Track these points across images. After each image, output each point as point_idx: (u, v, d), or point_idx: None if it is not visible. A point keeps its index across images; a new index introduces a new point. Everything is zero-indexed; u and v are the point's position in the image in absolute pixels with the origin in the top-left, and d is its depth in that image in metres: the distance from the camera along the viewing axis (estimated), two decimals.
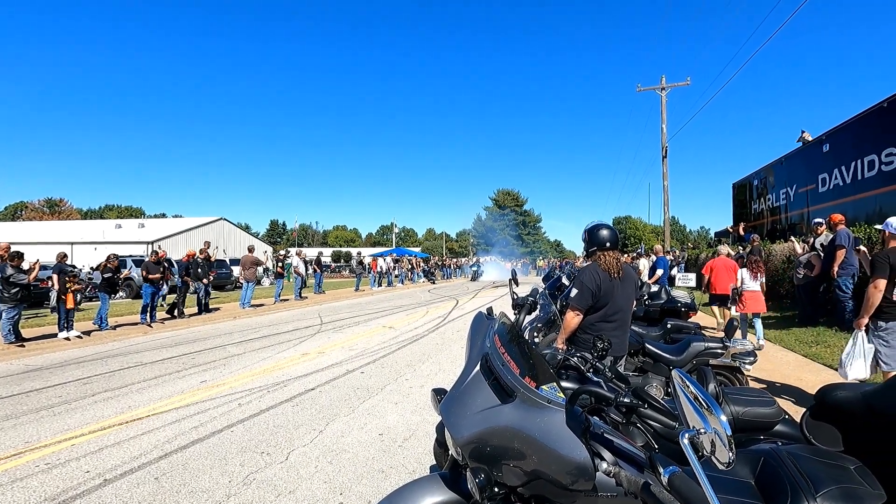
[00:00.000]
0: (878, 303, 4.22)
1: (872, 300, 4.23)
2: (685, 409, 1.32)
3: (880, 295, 4.20)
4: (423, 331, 10.17)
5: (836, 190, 11.67)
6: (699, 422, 1.25)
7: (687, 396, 1.31)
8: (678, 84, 23.10)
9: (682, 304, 7.24)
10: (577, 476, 1.57)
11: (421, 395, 5.37)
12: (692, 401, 1.28)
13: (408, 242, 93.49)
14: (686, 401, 1.30)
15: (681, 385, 1.35)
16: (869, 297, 4.26)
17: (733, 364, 4.54)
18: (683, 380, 1.35)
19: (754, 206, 18.11)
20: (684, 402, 1.31)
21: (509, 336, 1.98)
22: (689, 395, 1.30)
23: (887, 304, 4.22)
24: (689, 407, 1.29)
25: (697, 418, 1.25)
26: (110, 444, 4.03)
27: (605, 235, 3.45)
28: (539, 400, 1.66)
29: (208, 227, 42.21)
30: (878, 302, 4.22)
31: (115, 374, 6.54)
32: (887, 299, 4.21)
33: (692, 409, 1.27)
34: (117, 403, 5.21)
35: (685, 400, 1.31)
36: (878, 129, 10.08)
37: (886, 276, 4.17)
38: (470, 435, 1.74)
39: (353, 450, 3.88)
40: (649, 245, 39.26)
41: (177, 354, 7.89)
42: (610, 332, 3.38)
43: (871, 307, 4.25)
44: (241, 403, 5.11)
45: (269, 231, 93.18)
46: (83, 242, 36.34)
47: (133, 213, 77.19)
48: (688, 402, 1.30)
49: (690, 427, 1.28)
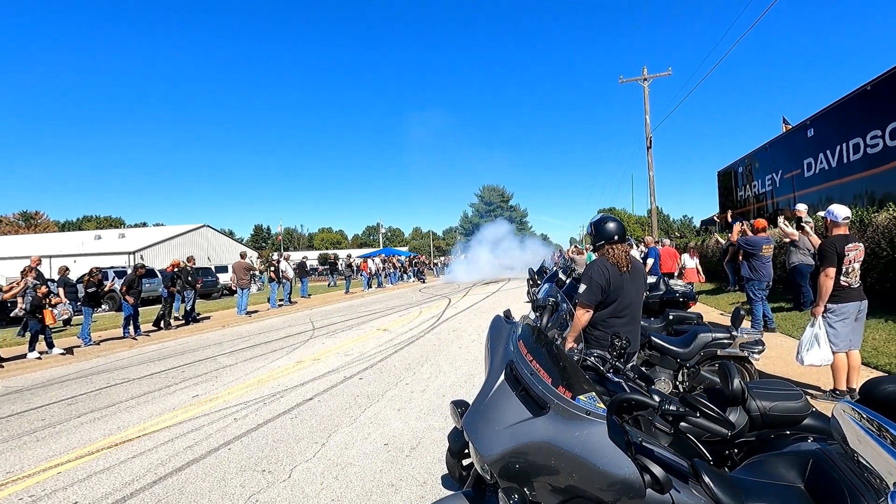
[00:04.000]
0: (830, 289, 4.41)
1: (825, 288, 4.43)
2: (881, 459, 0.97)
3: (831, 282, 4.41)
4: (419, 332, 10.00)
5: (822, 174, 11.77)
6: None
7: (880, 442, 0.99)
8: (660, 74, 23.24)
9: (681, 294, 7.18)
10: (623, 493, 1.43)
11: (423, 400, 5.22)
12: (889, 448, 0.97)
13: (395, 242, 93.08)
14: (880, 447, 0.98)
15: (868, 428, 1.01)
16: (821, 286, 4.46)
17: (742, 354, 4.46)
18: (868, 419, 1.00)
19: (740, 193, 18.26)
20: (877, 450, 0.98)
21: (536, 340, 1.83)
22: (885, 440, 0.99)
23: (835, 287, 4.42)
24: (886, 456, 0.96)
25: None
26: (99, 470, 3.80)
27: (613, 228, 3.34)
28: (576, 412, 1.52)
29: (191, 235, 41.44)
30: (830, 289, 4.41)
31: (101, 393, 6.26)
32: (835, 283, 4.41)
33: (892, 459, 0.96)
34: (105, 424, 4.95)
35: (878, 446, 0.98)
36: (862, 112, 10.16)
37: (835, 263, 4.38)
38: (501, 452, 1.59)
39: (359, 462, 3.71)
40: (635, 236, 39.57)
41: (165, 368, 7.61)
42: (621, 327, 3.27)
43: (824, 295, 4.45)
44: (237, 418, 4.90)
45: (254, 236, 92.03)
46: (62, 255, 35.34)
47: (113, 224, 75.57)
48: (883, 448, 0.98)
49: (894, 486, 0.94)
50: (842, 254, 4.34)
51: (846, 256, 4.35)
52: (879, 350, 5.92)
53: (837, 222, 4.49)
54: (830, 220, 4.55)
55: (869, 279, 8.27)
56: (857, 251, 4.42)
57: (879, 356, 5.69)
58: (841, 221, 4.48)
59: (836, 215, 4.49)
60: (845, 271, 4.38)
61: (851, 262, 4.39)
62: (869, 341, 6.37)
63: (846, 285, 4.40)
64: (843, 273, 4.38)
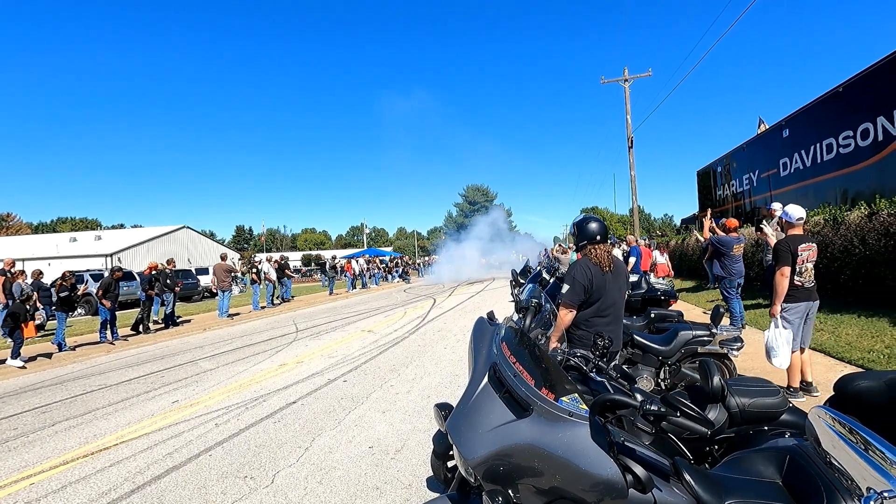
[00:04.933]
0: (786, 289, 4.47)
1: (780, 287, 4.49)
2: (854, 463, 1.01)
3: (787, 281, 4.47)
4: (404, 333, 9.97)
5: (797, 174, 12.07)
6: (879, 480, 0.96)
7: (853, 446, 1.03)
8: (640, 75, 23.54)
9: (662, 293, 7.30)
10: (606, 493, 1.44)
11: (408, 402, 5.19)
12: (862, 452, 1.01)
13: (379, 242, 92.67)
14: (853, 451, 1.01)
15: (840, 432, 1.05)
16: (777, 285, 4.52)
17: (721, 351, 4.54)
18: (841, 423, 1.04)
19: (718, 192, 18.63)
20: (850, 454, 1.02)
21: (519, 342, 1.83)
22: (857, 445, 1.02)
23: (790, 287, 4.48)
24: (858, 460, 1.00)
25: (876, 474, 0.97)
26: (75, 480, 3.69)
27: (595, 228, 3.37)
28: (559, 413, 1.53)
29: (171, 237, 40.64)
30: (786, 288, 4.47)
31: (76, 400, 6.09)
32: (790, 283, 4.47)
33: (864, 463, 0.99)
34: (81, 432, 4.82)
35: (851, 451, 1.02)
36: (835, 113, 10.44)
37: (790, 263, 4.44)
38: (484, 454, 1.59)
39: (343, 466, 3.67)
40: (617, 234, 40.06)
41: (144, 373, 7.44)
42: (604, 326, 3.30)
43: (780, 294, 4.50)
44: (219, 423, 4.82)
45: (236, 237, 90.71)
46: (35, 258, 34.33)
47: (89, 226, 73.61)
48: (855, 452, 1.02)
49: (867, 491, 0.97)
50: (795, 253, 4.41)
51: (799, 256, 4.42)
52: (853, 345, 6.08)
53: (792, 222, 4.56)
54: (785, 221, 4.63)
55: (842, 276, 8.51)
56: (810, 251, 4.50)
57: (853, 351, 5.84)
58: (795, 222, 4.55)
59: (790, 216, 4.56)
60: (799, 271, 4.45)
61: (805, 262, 4.46)
62: (843, 336, 6.55)
63: (799, 284, 4.48)
64: (797, 273, 4.45)
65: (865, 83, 9.47)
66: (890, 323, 6.79)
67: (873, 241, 7.64)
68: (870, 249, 7.72)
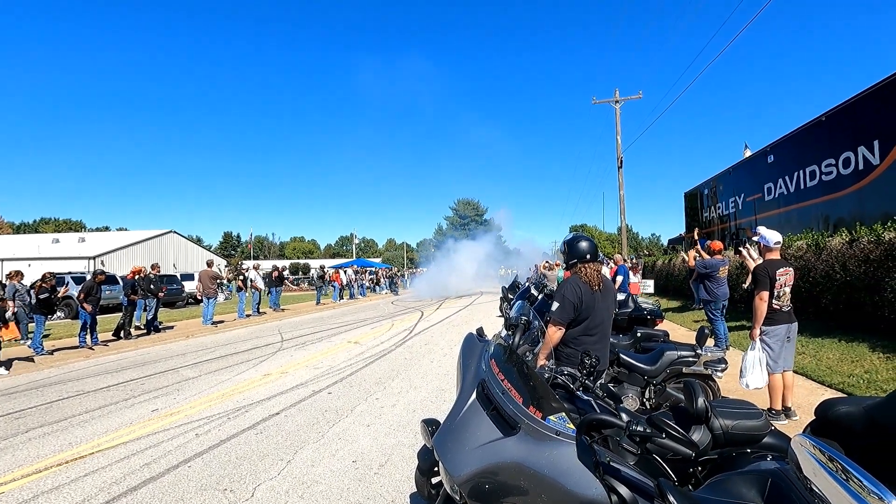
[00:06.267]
0: (765, 313, 4.53)
1: (759, 311, 4.56)
2: (833, 490, 1.01)
3: (765, 305, 4.54)
4: (391, 345, 9.90)
5: (781, 199, 12.34)
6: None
7: (833, 474, 1.03)
8: (631, 97, 24.04)
9: (649, 312, 7.36)
10: None
11: (393, 415, 5.15)
12: (842, 481, 1.00)
13: (368, 253, 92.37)
14: (832, 480, 1.01)
15: (821, 460, 1.05)
16: (756, 309, 4.59)
17: (705, 372, 4.59)
18: (821, 451, 1.04)
19: (705, 214, 18.94)
20: (829, 482, 1.01)
21: (507, 360, 1.84)
22: (839, 475, 1.01)
23: (769, 310, 4.55)
24: (838, 488, 1.00)
25: (854, 502, 0.98)
26: (47, 490, 3.58)
27: (585, 247, 3.40)
28: (546, 432, 1.53)
29: (157, 241, 40.11)
30: (764, 312, 4.54)
31: (52, 406, 5.93)
32: (769, 307, 4.55)
33: (843, 491, 0.99)
34: (55, 440, 4.69)
35: (831, 479, 1.02)
36: (818, 141, 10.73)
37: (768, 287, 4.52)
38: (471, 472, 1.59)
39: (325, 480, 3.62)
40: (605, 252, 40.43)
41: (124, 380, 7.28)
42: (591, 345, 3.32)
43: (759, 317, 4.57)
44: (199, 434, 4.72)
45: (223, 243, 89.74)
46: (15, 259, 33.60)
47: (73, 227, 72.22)
48: (835, 481, 1.01)
49: None
50: (773, 277, 4.48)
51: (777, 280, 4.49)
52: (833, 369, 6.18)
53: (769, 247, 4.63)
54: (763, 245, 4.70)
55: (824, 301, 8.67)
56: (787, 275, 4.58)
57: (833, 375, 5.93)
58: (772, 246, 4.63)
59: (768, 240, 4.64)
60: (777, 295, 4.52)
61: (782, 286, 4.54)
62: (824, 360, 6.66)
63: (777, 308, 4.54)
64: (775, 297, 4.52)
65: (847, 113, 9.77)
66: (869, 348, 6.92)
67: (854, 266, 7.81)
68: (850, 275, 7.89)
